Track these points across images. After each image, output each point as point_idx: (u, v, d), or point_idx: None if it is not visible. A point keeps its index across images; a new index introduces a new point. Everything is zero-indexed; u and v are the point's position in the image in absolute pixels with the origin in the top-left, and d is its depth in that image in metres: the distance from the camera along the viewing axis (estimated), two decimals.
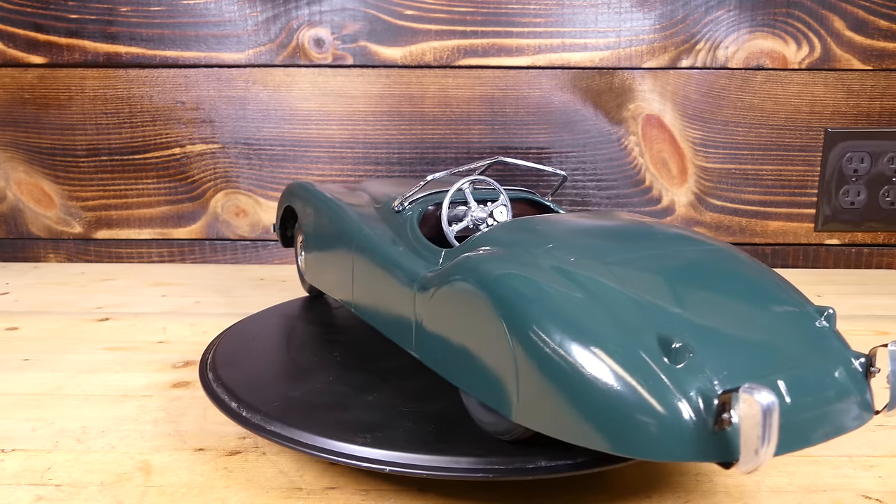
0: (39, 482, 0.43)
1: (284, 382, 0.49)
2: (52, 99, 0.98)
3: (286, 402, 0.46)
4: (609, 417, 0.32)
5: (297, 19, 0.94)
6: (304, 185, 0.66)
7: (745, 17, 0.94)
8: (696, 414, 0.31)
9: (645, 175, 0.98)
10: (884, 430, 0.51)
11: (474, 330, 0.38)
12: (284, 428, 0.43)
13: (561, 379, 0.33)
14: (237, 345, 0.57)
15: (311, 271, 0.64)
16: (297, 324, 0.62)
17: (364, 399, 0.47)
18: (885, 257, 1.01)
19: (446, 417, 0.44)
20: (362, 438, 0.41)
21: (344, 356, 0.54)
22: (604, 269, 0.38)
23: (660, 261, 0.40)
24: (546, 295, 0.36)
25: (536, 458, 0.38)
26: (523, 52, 0.95)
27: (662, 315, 0.35)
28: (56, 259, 1.03)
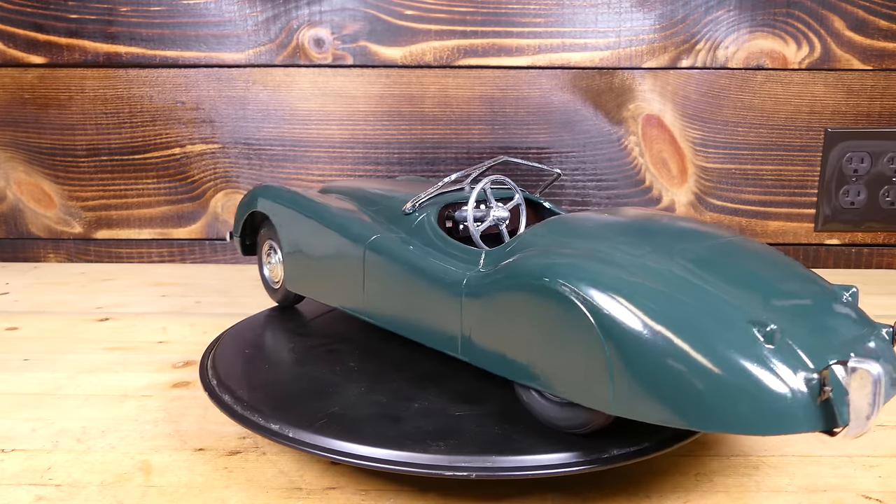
0: (39, 482, 0.43)
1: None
2: (52, 99, 0.98)
3: (330, 419, 0.43)
4: (724, 400, 0.33)
5: (297, 19, 0.94)
6: (278, 189, 0.62)
7: (745, 17, 0.94)
8: (804, 389, 0.33)
9: (645, 175, 0.98)
10: (884, 430, 0.51)
11: (553, 329, 0.38)
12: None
13: (666, 370, 0.34)
14: (238, 345, 0.57)
15: (295, 279, 0.60)
16: (300, 323, 0.62)
17: (409, 406, 0.45)
18: (885, 257, 1.01)
19: (505, 417, 0.44)
20: (436, 446, 0.40)
21: (360, 364, 0.52)
22: (672, 262, 0.39)
23: (709, 251, 0.42)
24: (634, 290, 0.37)
25: (609, 448, 0.40)
26: (523, 52, 0.95)
27: (742, 301, 0.37)
28: (56, 259, 1.03)
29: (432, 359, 0.53)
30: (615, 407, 0.36)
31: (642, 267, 0.39)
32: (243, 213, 0.66)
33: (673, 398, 0.34)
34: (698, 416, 0.34)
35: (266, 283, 0.68)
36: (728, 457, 0.46)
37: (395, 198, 0.56)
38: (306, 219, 0.58)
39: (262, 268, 0.67)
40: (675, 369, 0.34)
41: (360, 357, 0.54)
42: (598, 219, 0.46)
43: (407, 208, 0.53)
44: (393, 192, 0.59)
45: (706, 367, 0.34)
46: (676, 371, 0.34)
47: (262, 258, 0.67)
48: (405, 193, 0.57)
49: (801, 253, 1.01)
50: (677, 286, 0.37)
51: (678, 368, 0.34)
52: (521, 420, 0.43)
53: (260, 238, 0.67)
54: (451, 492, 0.42)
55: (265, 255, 0.67)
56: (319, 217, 0.57)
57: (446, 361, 0.51)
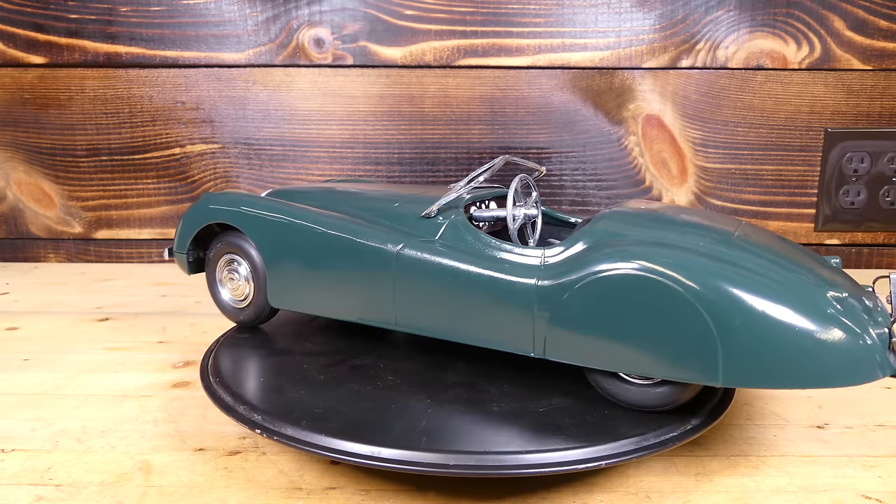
0: (39, 482, 0.43)
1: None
2: (52, 99, 0.98)
3: (422, 431, 0.42)
4: (825, 359, 0.38)
5: (297, 19, 0.94)
6: (247, 197, 0.57)
7: (745, 17, 0.94)
8: (878, 342, 0.39)
9: (645, 175, 0.98)
10: (884, 430, 0.51)
11: (655, 316, 0.41)
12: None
13: (773, 340, 0.39)
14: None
15: (286, 295, 0.55)
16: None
17: (488, 409, 0.45)
18: (885, 257, 1.01)
19: (571, 408, 0.45)
20: (557, 439, 0.41)
21: (394, 375, 0.51)
22: (732, 245, 0.44)
23: (750, 235, 0.47)
24: (725, 273, 0.40)
25: (688, 419, 0.43)
26: (523, 52, 0.95)
27: (804, 274, 0.43)
28: (56, 259, 1.03)
29: (454, 359, 0.53)
30: (724, 380, 0.40)
31: (716, 251, 0.42)
32: (194, 227, 0.59)
33: (781, 364, 0.39)
34: (806, 376, 0.39)
35: (223, 303, 0.60)
36: (728, 457, 0.46)
37: (392, 201, 0.55)
38: (304, 228, 0.53)
39: (217, 286, 0.60)
40: (781, 338, 0.38)
41: (387, 369, 0.51)
42: (646, 211, 0.50)
43: (432, 212, 0.51)
44: (379, 195, 0.57)
45: (808, 332, 0.38)
46: (783, 339, 0.38)
47: (218, 275, 0.60)
48: (396, 195, 0.57)
49: None
50: (755, 266, 0.42)
51: (784, 337, 0.38)
52: (588, 409, 0.44)
53: (214, 253, 0.59)
54: (452, 492, 0.42)
55: (222, 271, 0.60)
56: (323, 226, 0.53)
57: (472, 360, 0.52)
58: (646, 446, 0.41)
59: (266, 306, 0.58)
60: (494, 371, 0.51)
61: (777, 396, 0.56)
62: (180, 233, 0.61)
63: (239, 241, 0.57)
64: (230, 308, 0.60)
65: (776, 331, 0.39)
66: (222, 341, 0.58)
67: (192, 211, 0.60)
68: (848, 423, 0.52)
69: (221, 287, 0.60)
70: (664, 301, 0.40)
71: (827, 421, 0.52)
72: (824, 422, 0.52)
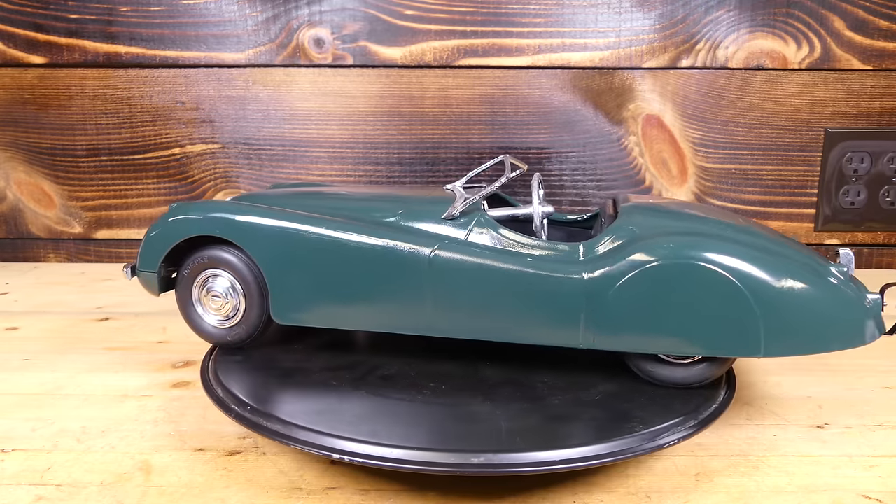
0: (39, 482, 0.43)
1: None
2: (52, 99, 0.98)
3: (513, 432, 0.42)
4: (842, 324, 0.45)
5: (297, 19, 0.94)
6: (246, 207, 0.53)
7: (745, 17, 0.94)
8: (874, 306, 0.45)
9: (645, 175, 0.98)
10: (884, 430, 0.51)
11: (703, 299, 0.44)
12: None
13: (806, 314, 0.44)
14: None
15: (294, 310, 0.52)
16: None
17: (549, 402, 0.46)
18: (885, 257, 1.01)
19: (607, 400, 0.47)
20: (629, 426, 0.42)
21: (437, 382, 0.49)
22: (748, 233, 0.48)
23: (746, 222, 0.52)
24: (761, 257, 0.45)
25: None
26: (523, 52, 0.95)
27: (807, 253, 0.49)
28: (56, 259, 1.03)
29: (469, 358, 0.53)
30: (765, 352, 0.45)
31: (740, 238, 0.47)
32: (170, 240, 0.53)
33: (809, 332, 0.44)
34: (827, 340, 0.45)
35: (203, 324, 0.55)
36: (728, 457, 0.46)
37: (396, 203, 0.54)
38: (315, 236, 0.50)
39: (193, 307, 0.55)
40: (809, 309, 0.44)
41: (422, 376, 0.50)
42: (661, 204, 0.54)
43: (455, 213, 0.51)
44: (377, 198, 0.56)
45: (829, 301, 0.45)
46: (811, 310, 0.44)
47: (194, 295, 0.55)
48: (395, 197, 0.56)
49: None
50: (775, 248, 0.47)
51: (811, 308, 0.44)
52: (622, 398, 0.46)
53: (190, 270, 0.54)
54: (452, 492, 0.42)
55: (199, 289, 0.54)
56: (338, 231, 0.50)
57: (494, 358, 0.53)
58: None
59: (259, 324, 0.53)
60: (527, 365, 0.52)
61: (777, 396, 0.56)
62: (150, 248, 0.54)
63: (223, 254, 0.53)
64: (212, 329, 0.55)
65: (805, 303, 0.44)
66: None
67: (166, 223, 0.53)
68: (848, 423, 0.52)
69: (201, 307, 0.55)
70: (711, 285, 0.44)
71: (827, 421, 0.52)
72: (824, 422, 0.52)
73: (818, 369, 0.62)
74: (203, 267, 0.54)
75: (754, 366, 0.63)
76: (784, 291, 0.44)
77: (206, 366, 0.53)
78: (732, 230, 0.48)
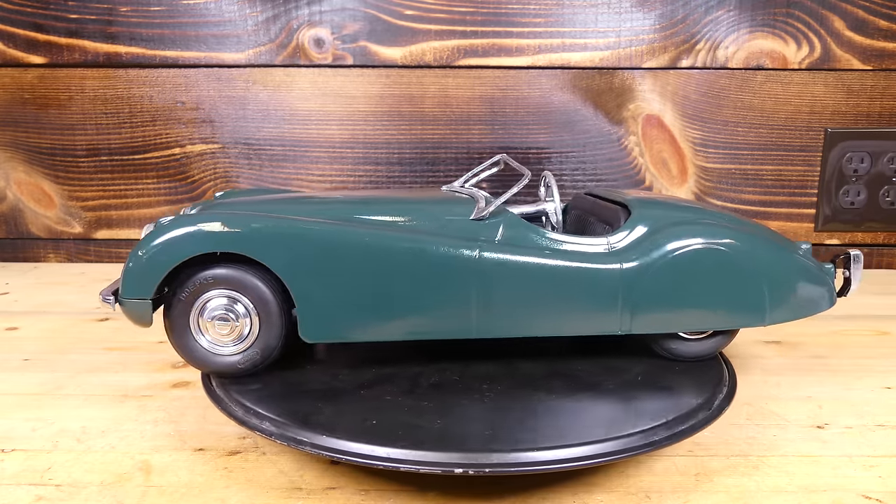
0: (39, 482, 0.43)
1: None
2: (52, 99, 0.98)
3: (597, 424, 0.43)
4: (817, 292, 0.52)
5: (297, 19, 0.94)
6: (262, 217, 0.48)
7: (745, 17, 0.94)
8: (832, 275, 0.54)
9: (645, 175, 0.98)
10: (884, 430, 0.51)
11: (721, 279, 0.49)
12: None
13: (797, 285, 0.51)
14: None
15: (332, 325, 0.48)
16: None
17: (605, 388, 0.48)
18: (885, 257, 1.01)
19: (631, 390, 0.49)
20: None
21: (490, 385, 0.49)
22: (733, 220, 0.54)
23: (721, 209, 0.58)
24: (756, 236, 0.51)
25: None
26: (523, 52, 0.95)
27: (778, 235, 0.55)
28: (56, 259, 1.03)
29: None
30: (768, 320, 0.51)
31: (733, 222, 0.53)
32: (169, 261, 0.46)
33: (797, 299, 0.51)
34: (809, 305, 0.52)
35: (203, 354, 0.49)
36: (728, 457, 0.46)
37: (413, 206, 0.52)
38: (349, 243, 0.47)
39: (192, 334, 0.48)
40: (796, 280, 0.51)
41: (469, 378, 0.50)
42: (663, 199, 0.58)
43: (486, 213, 0.50)
44: (388, 201, 0.55)
45: (807, 273, 0.52)
46: (797, 280, 0.51)
47: (192, 320, 0.48)
48: (408, 200, 0.55)
49: None
50: (764, 234, 0.53)
51: (797, 279, 0.51)
52: (641, 389, 0.48)
53: (188, 293, 0.48)
54: (452, 492, 0.42)
55: (198, 313, 0.48)
56: (374, 238, 0.47)
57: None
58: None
59: (276, 346, 0.49)
60: (557, 357, 0.54)
61: (777, 396, 0.56)
62: (142, 271, 0.46)
63: (233, 272, 0.47)
64: (217, 358, 0.49)
65: (794, 275, 0.51)
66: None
67: (164, 241, 0.46)
68: (848, 423, 0.52)
69: (202, 334, 0.48)
70: (727, 265, 0.49)
71: (827, 421, 0.52)
72: (824, 422, 0.52)
73: (818, 369, 0.62)
74: (207, 288, 0.47)
75: (754, 366, 0.63)
76: (780, 266, 0.51)
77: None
78: (724, 219, 0.53)
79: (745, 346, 0.68)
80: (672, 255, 0.49)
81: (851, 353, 0.66)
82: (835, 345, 0.69)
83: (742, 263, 0.49)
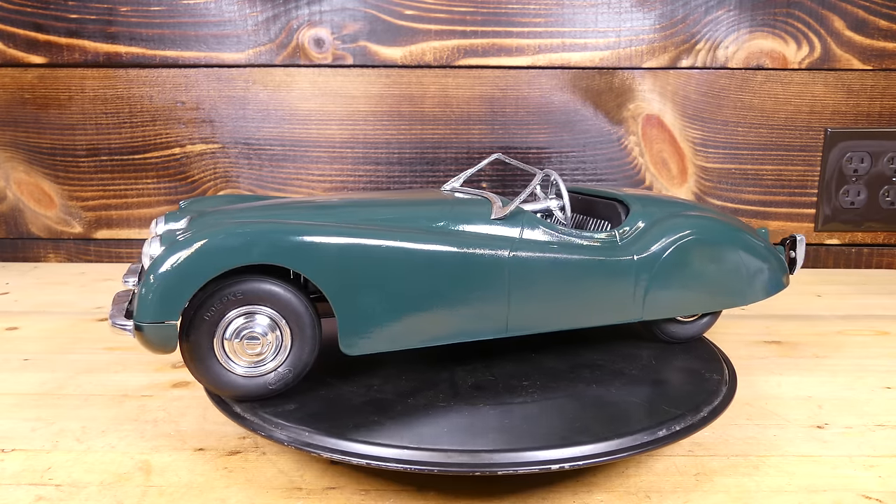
0: (39, 482, 0.43)
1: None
2: (52, 99, 0.98)
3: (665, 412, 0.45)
4: (779, 272, 0.58)
5: (297, 19, 0.94)
6: (296, 226, 0.44)
7: (745, 17, 0.94)
8: (783, 255, 0.60)
9: (645, 175, 0.98)
10: (884, 429, 0.51)
11: (716, 264, 0.54)
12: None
13: (765, 267, 0.57)
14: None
15: (373, 335, 0.46)
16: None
17: (635, 377, 0.51)
18: (885, 257, 1.01)
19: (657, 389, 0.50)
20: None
21: (539, 391, 0.49)
22: (706, 209, 0.58)
23: (693, 202, 0.63)
24: (733, 225, 0.56)
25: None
26: (523, 52, 0.95)
27: (743, 222, 0.60)
28: (56, 259, 1.03)
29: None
30: (749, 299, 0.56)
31: (715, 213, 0.57)
32: (200, 276, 0.42)
33: (763, 282, 0.57)
34: (769, 289, 0.57)
35: (230, 378, 0.44)
36: (728, 457, 0.46)
37: (426, 207, 0.52)
38: (392, 250, 0.45)
39: (216, 357, 0.44)
40: (765, 262, 0.56)
41: (507, 377, 0.50)
42: (653, 195, 0.61)
43: (507, 213, 0.50)
44: (398, 203, 0.54)
45: (771, 255, 0.57)
46: (765, 263, 0.56)
47: (217, 342, 0.44)
48: (416, 201, 0.54)
49: None
50: (738, 222, 0.58)
51: (767, 264, 0.57)
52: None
53: (213, 312, 0.43)
54: (452, 492, 0.42)
55: (224, 333, 0.44)
56: (416, 242, 0.46)
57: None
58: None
59: (309, 362, 0.46)
60: (572, 349, 0.56)
61: (777, 396, 0.56)
62: (168, 289, 0.41)
63: (265, 285, 0.44)
64: (245, 381, 0.45)
65: (765, 257, 0.56)
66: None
67: (197, 251, 0.41)
68: (848, 423, 0.52)
69: (227, 356, 0.44)
70: (719, 253, 0.54)
71: (827, 421, 0.52)
72: (824, 422, 0.52)
73: (818, 369, 0.62)
74: (233, 305, 0.43)
75: (754, 366, 0.63)
76: (756, 250, 0.56)
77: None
78: (698, 209, 0.58)
79: (745, 346, 0.68)
80: (673, 245, 0.52)
81: (851, 353, 0.66)
82: (835, 345, 0.69)
83: (727, 250, 0.54)
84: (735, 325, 0.74)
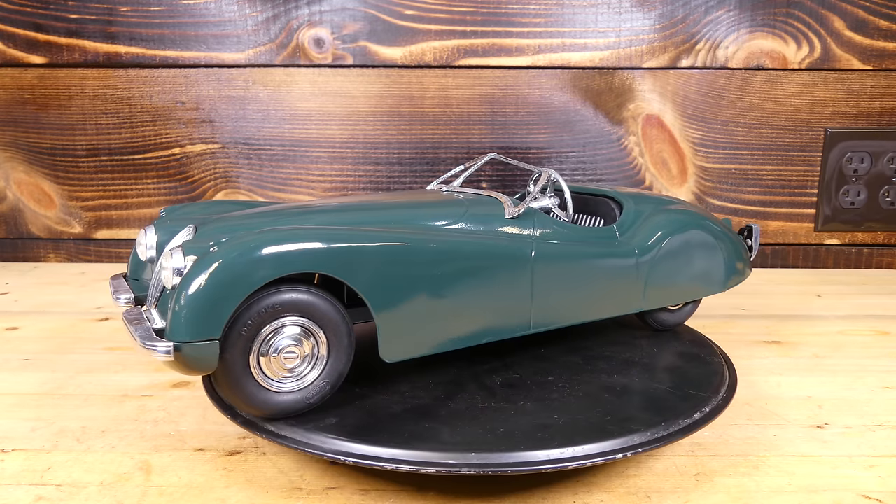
0: (39, 482, 0.43)
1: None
2: (52, 99, 0.98)
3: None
4: (745, 259, 0.62)
5: (297, 19, 0.94)
6: (338, 231, 0.43)
7: (745, 17, 0.94)
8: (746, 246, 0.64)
9: (645, 175, 0.98)
10: (884, 429, 0.51)
11: (702, 254, 0.58)
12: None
13: (735, 255, 0.61)
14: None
15: (409, 340, 0.45)
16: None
17: (652, 366, 0.52)
18: (885, 257, 1.01)
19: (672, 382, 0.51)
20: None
21: (569, 387, 0.48)
22: (684, 203, 0.62)
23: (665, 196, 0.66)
24: (709, 218, 0.60)
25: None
26: (523, 52, 0.95)
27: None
28: (56, 259, 1.03)
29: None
30: (728, 286, 0.60)
31: (694, 207, 0.61)
32: (244, 288, 0.39)
33: (737, 271, 0.61)
34: (744, 272, 0.62)
35: (266, 396, 0.42)
36: (728, 457, 0.46)
37: (437, 208, 0.51)
38: (428, 252, 0.45)
39: (251, 372, 0.41)
40: (736, 253, 0.61)
41: (533, 373, 0.50)
42: (633, 191, 0.64)
43: (520, 211, 0.51)
44: (406, 205, 0.53)
45: (739, 245, 0.61)
46: (737, 253, 0.61)
47: (253, 357, 0.41)
48: (422, 203, 0.53)
49: (801, 253, 1.01)
50: (707, 213, 0.61)
51: (736, 252, 0.61)
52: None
53: (248, 327, 0.40)
54: (452, 492, 0.42)
55: (259, 347, 0.41)
56: (446, 245, 0.46)
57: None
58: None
59: (345, 372, 0.44)
60: (575, 342, 0.57)
61: (777, 396, 0.56)
62: (207, 304, 0.38)
63: (302, 295, 0.41)
64: (282, 397, 0.42)
65: (733, 247, 0.60)
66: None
67: (233, 262, 0.39)
68: (848, 423, 0.52)
69: (263, 372, 0.41)
70: (703, 244, 0.58)
71: (827, 421, 0.52)
72: (824, 422, 0.52)
73: (818, 369, 0.62)
74: (271, 318, 0.41)
75: (754, 366, 0.63)
76: (730, 241, 0.60)
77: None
78: (685, 204, 0.61)
79: (745, 346, 0.68)
80: (667, 238, 0.56)
81: (851, 353, 0.66)
82: (835, 345, 0.69)
83: (710, 241, 0.58)
84: (735, 325, 0.74)
